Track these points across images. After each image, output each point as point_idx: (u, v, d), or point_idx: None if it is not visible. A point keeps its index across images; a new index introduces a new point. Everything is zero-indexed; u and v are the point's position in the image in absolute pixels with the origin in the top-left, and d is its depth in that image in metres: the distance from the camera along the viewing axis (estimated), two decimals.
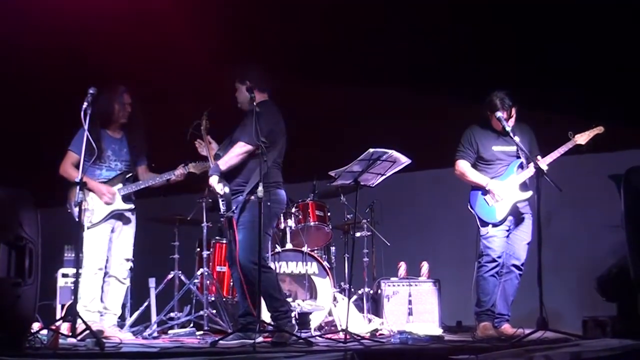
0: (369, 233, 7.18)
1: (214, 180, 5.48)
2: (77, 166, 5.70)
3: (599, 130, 5.91)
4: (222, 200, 5.42)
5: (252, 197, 5.38)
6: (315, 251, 6.91)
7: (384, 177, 5.85)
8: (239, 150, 5.48)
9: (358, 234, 7.06)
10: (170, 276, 6.87)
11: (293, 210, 6.88)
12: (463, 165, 6.08)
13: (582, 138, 5.88)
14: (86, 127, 5.22)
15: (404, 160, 5.69)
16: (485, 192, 5.99)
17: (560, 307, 6.22)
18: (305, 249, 6.63)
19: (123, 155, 6.05)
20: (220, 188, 5.44)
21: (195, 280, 6.77)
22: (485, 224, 5.96)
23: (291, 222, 6.86)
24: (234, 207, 5.45)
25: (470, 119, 6.15)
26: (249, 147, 5.47)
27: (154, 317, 6.54)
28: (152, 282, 6.68)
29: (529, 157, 5.74)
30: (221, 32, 6.92)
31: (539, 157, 5.83)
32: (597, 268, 6.08)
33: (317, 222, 6.90)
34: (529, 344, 4.96)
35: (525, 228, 6.00)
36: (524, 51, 6.97)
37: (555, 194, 5.49)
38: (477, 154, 6.04)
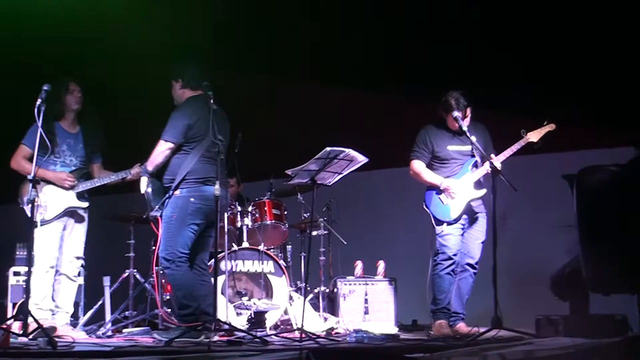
0: (325, 232, 7.15)
1: (142, 181, 5.54)
2: (30, 159, 5.65)
3: (550, 127, 5.94)
4: (147, 200, 5.47)
5: (177, 192, 5.40)
6: (272, 250, 6.88)
7: (340, 175, 5.84)
8: (160, 148, 5.47)
9: (315, 233, 7.02)
10: (125, 275, 6.81)
11: (250, 208, 6.83)
12: (418, 166, 6.10)
13: (534, 135, 5.92)
14: (39, 123, 5.18)
15: (361, 159, 5.67)
16: (439, 191, 6.03)
17: (515, 306, 6.22)
18: (261, 247, 6.60)
19: (78, 151, 5.99)
20: (144, 188, 5.49)
21: (151, 279, 6.70)
22: (440, 222, 6.00)
23: (248, 221, 6.81)
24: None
25: (427, 118, 6.17)
26: (169, 145, 5.45)
27: (108, 316, 6.47)
28: (106, 280, 6.63)
29: (483, 156, 5.77)
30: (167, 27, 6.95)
31: (493, 156, 5.88)
32: (551, 267, 6.19)
33: (273, 221, 6.85)
34: (484, 343, 5.04)
35: (480, 227, 6.04)
36: (478, 51, 7.01)
37: (511, 193, 5.51)
38: (432, 153, 6.08)
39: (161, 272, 6.35)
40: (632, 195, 4.85)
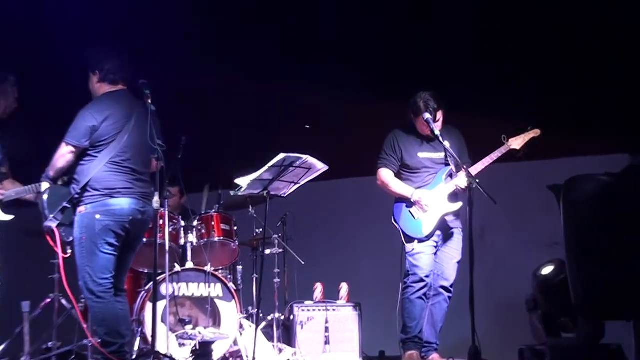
0: (280, 250, 7.20)
1: (43, 187, 5.42)
2: None
3: (535, 133, 6.00)
4: (40, 208, 5.36)
5: (82, 209, 5.29)
6: (220, 271, 6.89)
7: (297, 185, 5.86)
8: (60, 152, 5.34)
9: (268, 251, 7.07)
10: (48, 300, 6.69)
11: (195, 223, 6.82)
12: (385, 175, 6.12)
13: (516, 142, 5.96)
14: None
15: (320, 167, 5.70)
16: (410, 204, 6.04)
17: (495, 334, 6.31)
18: (208, 268, 6.56)
19: None
20: (40, 196, 5.40)
21: (80, 304, 6.47)
22: (410, 239, 6.00)
23: (192, 238, 6.78)
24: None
25: (395, 121, 6.24)
26: (70, 148, 5.32)
27: (27, 348, 6.25)
28: (25, 306, 6.38)
29: (458, 164, 5.79)
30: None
31: (469, 165, 5.91)
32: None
33: (222, 238, 6.84)
34: None
35: (455, 244, 6.08)
36: (453, 47, 7.05)
37: (489, 206, 5.51)
38: (401, 161, 6.10)
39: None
40: (626, 207, 4.80)
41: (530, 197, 7.44)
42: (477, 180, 5.51)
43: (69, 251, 5.43)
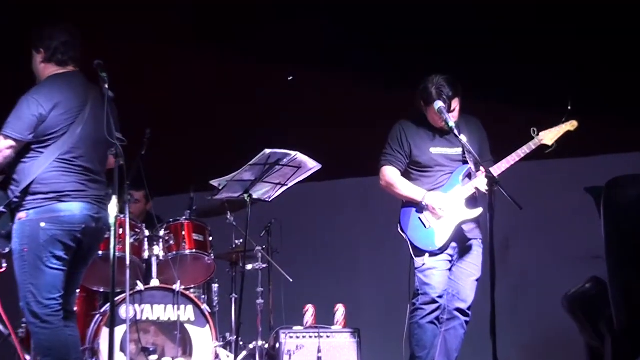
0: (264, 265, 7.21)
1: None
2: None
3: (571, 126, 5.97)
4: None
5: (23, 216, 5.22)
6: (192, 290, 6.90)
7: (285, 188, 5.88)
8: None
9: (250, 267, 7.07)
10: None
11: (162, 233, 6.84)
12: (391, 174, 6.07)
13: (549, 136, 5.93)
14: None
15: (312, 166, 5.73)
16: (420, 209, 6.00)
17: None
18: (177, 286, 6.57)
19: None
20: None
21: (19, 330, 6.46)
22: (420, 252, 5.96)
23: (158, 250, 6.80)
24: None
25: (404, 112, 6.21)
26: (10, 142, 5.22)
27: None
28: None
29: (478, 162, 5.75)
30: None
31: (491, 163, 5.92)
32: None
33: (194, 250, 6.87)
34: None
35: (474, 259, 6.04)
36: (470, 20, 7.11)
37: (514, 212, 5.46)
38: (410, 158, 6.07)
39: None
40: None
41: (563, 201, 7.47)
42: (499, 182, 5.40)
43: (4, 264, 5.38)
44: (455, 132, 5.72)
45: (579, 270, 6.50)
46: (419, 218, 5.98)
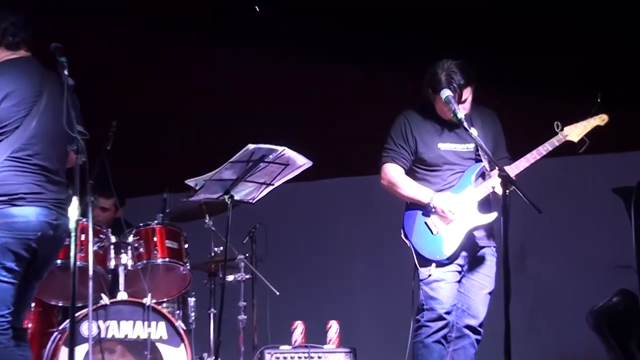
0: (247, 276, 7.24)
1: None
2: None
3: (601, 120, 5.96)
4: None
5: None
6: (165, 304, 6.96)
7: (271, 188, 5.94)
8: None
9: (231, 278, 7.13)
10: None
11: (130, 239, 6.86)
12: (393, 172, 6.07)
13: (575, 132, 5.93)
14: None
15: (302, 163, 5.79)
16: (427, 212, 5.99)
17: None
18: (147, 300, 6.56)
19: None
20: None
21: None
22: (426, 262, 5.96)
23: (126, 259, 6.81)
24: None
25: (407, 102, 6.21)
26: None
27: None
28: None
29: (492, 161, 5.71)
30: None
31: (507, 161, 5.94)
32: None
33: (167, 259, 6.89)
34: None
35: (487, 270, 6.06)
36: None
37: (532, 216, 5.45)
38: (416, 154, 6.07)
39: None
40: None
41: (588, 203, 7.53)
42: (515, 183, 5.43)
43: None
44: (465, 125, 5.69)
45: (606, 282, 6.58)
46: (425, 223, 5.98)
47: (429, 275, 5.92)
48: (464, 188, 5.98)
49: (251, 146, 5.59)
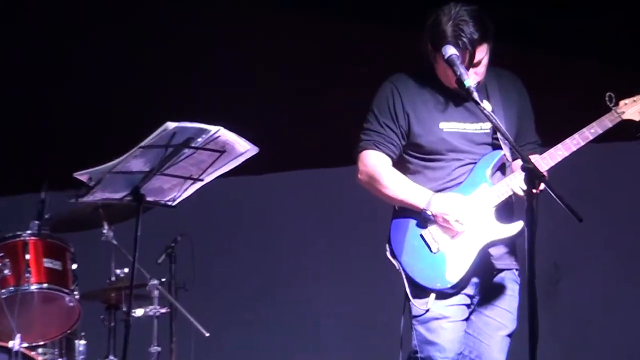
0: (163, 310, 7.33)
1: None
2: None
3: None
4: None
5: None
6: (41, 350, 7.01)
7: (199, 184, 6.01)
8: None
9: (140, 312, 7.20)
10: None
11: None
12: (376, 163, 6.06)
13: (633, 108, 5.93)
14: None
15: (244, 149, 5.86)
16: (424, 221, 5.98)
17: None
18: (15, 343, 6.64)
19: None
20: None
21: None
22: (422, 292, 5.95)
23: None
24: None
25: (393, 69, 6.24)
26: None
27: None
28: None
29: (515, 148, 5.59)
30: None
31: (536, 148, 6.05)
32: None
33: (46, 285, 6.94)
34: None
35: (506, 302, 6.09)
36: None
37: (570, 225, 5.45)
38: (409, 138, 6.07)
39: None
40: None
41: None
42: (545, 179, 5.38)
43: None
44: (475, 97, 5.57)
45: None
46: (421, 236, 5.95)
47: (426, 311, 5.90)
48: (476, 186, 5.96)
49: (171, 125, 5.49)
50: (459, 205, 5.90)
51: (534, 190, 5.29)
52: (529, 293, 5.21)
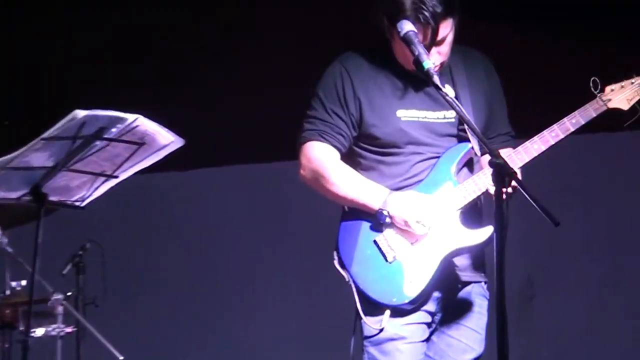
0: (69, 329, 7.34)
1: None
2: None
3: None
4: None
5: None
6: None
7: (113, 182, 6.03)
8: None
9: (40, 332, 7.22)
10: None
11: None
12: (321, 156, 6.07)
13: (622, 95, 5.95)
14: None
15: (166, 141, 5.87)
16: (378, 224, 5.97)
17: None
18: None
19: None
20: None
21: None
22: (376, 308, 5.92)
23: None
24: None
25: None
26: None
27: None
28: None
29: (482, 140, 5.48)
30: None
31: (509, 142, 6.11)
32: None
33: None
34: None
35: (473, 321, 6.11)
36: None
37: (546, 232, 5.49)
38: (360, 127, 6.06)
39: None
40: None
41: (636, 208, 7.65)
42: (515, 176, 5.19)
43: None
44: (435, 80, 5.46)
45: None
46: (375, 242, 5.91)
47: (380, 331, 5.87)
48: (439, 185, 5.94)
49: (80, 113, 5.40)
50: (420, 204, 5.87)
51: (504, 190, 5.21)
52: (497, 311, 5.16)
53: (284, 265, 7.55)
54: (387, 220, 5.90)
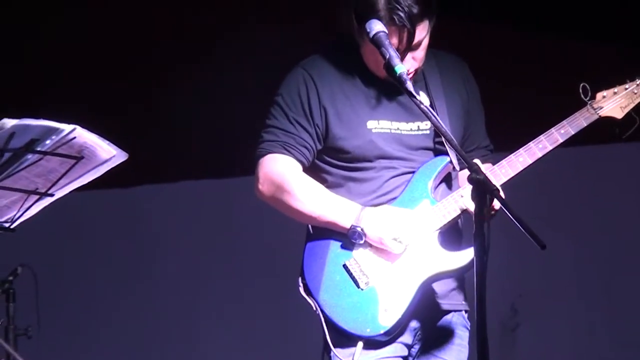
0: None
1: None
2: None
3: None
4: None
5: None
6: None
7: (48, 201, 5.82)
8: None
9: None
10: None
11: None
12: (283, 170, 6.04)
13: (616, 103, 5.99)
14: None
15: (108, 155, 5.67)
16: (347, 244, 5.98)
17: None
18: None
19: None
20: None
21: None
22: (346, 338, 5.92)
23: None
24: None
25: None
26: None
27: None
28: None
29: (460, 153, 5.48)
30: None
31: (487, 156, 6.17)
32: None
33: None
34: None
35: (453, 354, 6.13)
36: None
37: (532, 255, 5.40)
38: (326, 140, 6.07)
39: None
40: None
41: (628, 227, 7.65)
42: (498, 194, 5.20)
43: None
44: (408, 86, 5.46)
45: None
46: (345, 267, 5.90)
47: None
48: (416, 203, 5.93)
49: (8, 122, 5.25)
50: (397, 219, 5.85)
51: (485, 210, 5.23)
52: (478, 342, 5.14)
53: (242, 292, 7.54)
54: (360, 239, 5.84)
